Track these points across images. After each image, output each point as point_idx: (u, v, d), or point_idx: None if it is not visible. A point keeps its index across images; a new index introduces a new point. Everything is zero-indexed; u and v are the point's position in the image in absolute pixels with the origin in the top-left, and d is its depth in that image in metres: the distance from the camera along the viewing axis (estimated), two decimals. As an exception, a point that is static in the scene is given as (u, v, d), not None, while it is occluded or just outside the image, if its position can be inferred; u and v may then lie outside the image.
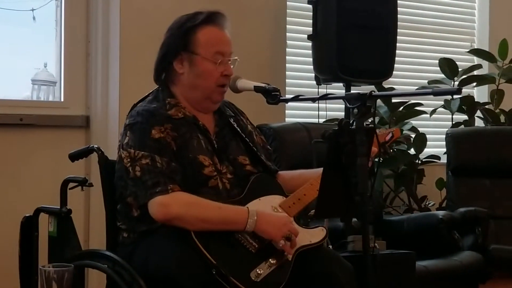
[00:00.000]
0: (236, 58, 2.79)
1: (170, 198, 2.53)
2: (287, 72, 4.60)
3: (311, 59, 4.33)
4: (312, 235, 2.69)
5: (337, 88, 4.47)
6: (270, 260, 2.56)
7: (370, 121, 2.54)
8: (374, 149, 2.68)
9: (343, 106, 4.34)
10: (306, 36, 4.32)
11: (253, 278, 2.50)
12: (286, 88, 4.52)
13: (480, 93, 5.46)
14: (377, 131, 2.73)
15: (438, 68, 4.99)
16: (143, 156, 2.58)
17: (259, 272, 2.52)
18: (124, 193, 2.66)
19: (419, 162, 4.86)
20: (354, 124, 2.26)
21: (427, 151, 4.90)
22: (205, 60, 2.72)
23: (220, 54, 2.73)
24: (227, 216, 2.57)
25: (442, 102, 4.95)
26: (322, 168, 2.36)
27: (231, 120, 2.86)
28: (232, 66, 2.77)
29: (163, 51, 2.78)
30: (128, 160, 2.60)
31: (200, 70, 2.73)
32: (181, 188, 2.57)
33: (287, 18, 4.61)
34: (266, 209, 2.67)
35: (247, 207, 2.61)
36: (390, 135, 3.00)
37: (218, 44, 2.74)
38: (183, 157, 2.64)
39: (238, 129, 2.84)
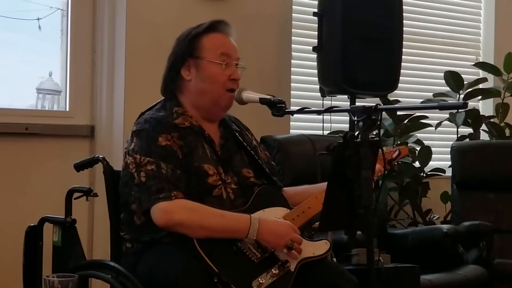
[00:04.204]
0: (243, 66, 2.80)
1: (173, 205, 2.53)
2: (292, 84, 4.60)
3: (316, 71, 4.33)
4: (315, 247, 2.68)
5: (342, 100, 4.47)
6: (272, 270, 2.55)
7: (375, 133, 2.54)
8: (380, 167, 2.68)
9: (348, 118, 4.34)
10: (311, 47, 4.32)
11: (254, 288, 2.49)
12: (291, 99, 4.52)
13: (485, 107, 5.46)
14: (384, 148, 2.73)
15: (443, 81, 4.99)
16: (148, 162, 2.59)
17: (261, 281, 2.50)
18: (128, 200, 2.66)
19: (424, 175, 4.86)
20: (359, 137, 2.26)
21: (432, 164, 4.89)
22: (211, 63, 2.74)
23: (225, 56, 2.75)
24: (229, 224, 2.56)
25: (447, 115, 4.95)
26: (327, 183, 2.36)
27: (237, 134, 2.86)
28: (239, 73, 2.78)
29: (171, 61, 2.81)
30: (134, 165, 2.61)
31: (206, 74, 2.74)
32: (184, 196, 2.57)
33: (293, 30, 4.61)
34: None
35: (250, 216, 2.60)
36: (397, 152, 2.99)
37: (223, 47, 2.76)
38: (188, 165, 2.64)
39: (244, 143, 2.85)
